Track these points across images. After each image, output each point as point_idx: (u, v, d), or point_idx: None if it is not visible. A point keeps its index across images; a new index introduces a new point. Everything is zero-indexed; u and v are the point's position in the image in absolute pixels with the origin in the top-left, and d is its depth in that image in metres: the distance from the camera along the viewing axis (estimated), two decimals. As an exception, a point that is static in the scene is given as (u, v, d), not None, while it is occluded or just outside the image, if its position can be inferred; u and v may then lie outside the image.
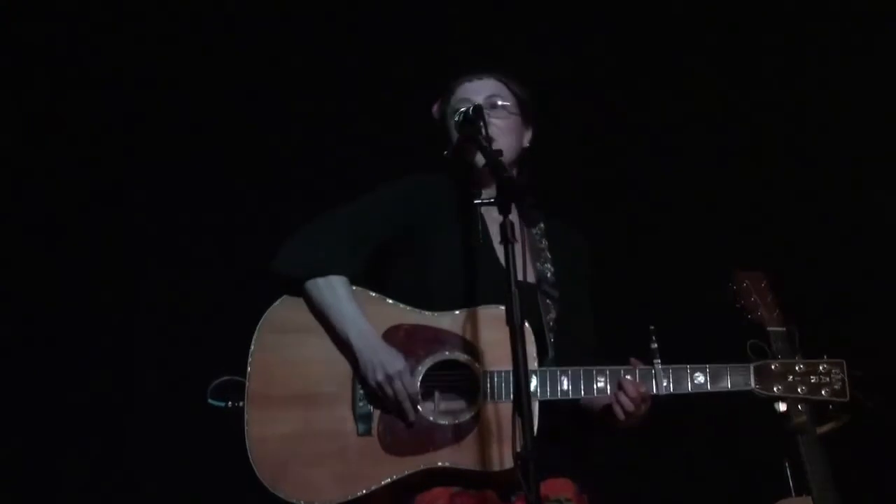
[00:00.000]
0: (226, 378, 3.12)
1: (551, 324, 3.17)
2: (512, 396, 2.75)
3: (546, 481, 2.94)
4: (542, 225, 3.35)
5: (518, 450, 2.66)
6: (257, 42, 5.04)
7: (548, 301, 3.20)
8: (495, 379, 3.02)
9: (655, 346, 3.03)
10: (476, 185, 3.22)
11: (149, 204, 4.95)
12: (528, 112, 3.37)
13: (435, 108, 3.41)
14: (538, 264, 3.26)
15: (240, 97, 5.01)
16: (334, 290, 3.14)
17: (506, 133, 3.24)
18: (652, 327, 3.02)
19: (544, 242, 3.32)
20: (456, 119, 3.23)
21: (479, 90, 3.32)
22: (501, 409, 2.98)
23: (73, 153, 4.94)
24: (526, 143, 3.38)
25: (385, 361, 3.04)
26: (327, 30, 5.06)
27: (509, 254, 2.79)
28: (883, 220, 4.71)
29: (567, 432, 3.15)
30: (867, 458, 4.19)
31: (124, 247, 4.91)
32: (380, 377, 3.03)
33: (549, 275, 3.26)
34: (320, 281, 3.15)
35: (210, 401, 3.14)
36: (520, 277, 2.81)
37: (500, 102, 3.30)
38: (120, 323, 4.87)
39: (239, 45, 5.04)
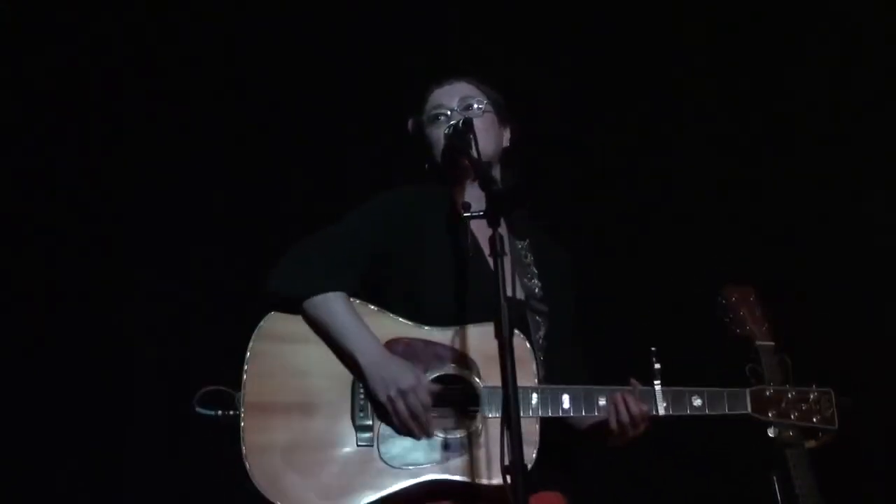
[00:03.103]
0: (212, 388, 3.10)
1: (540, 341, 3.18)
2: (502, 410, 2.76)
3: (536, 495, 2.94)
4: (527, 240, 3.35)
5: (506, 463, 2.67)
6: (258, 44, 5.05)
7: (537, 318, 3.20)
8: (493, 396, 3.00)
9: (658, 367, 3.06)
10: (465, 198, 3.21)
11: (151, 206, 4.95)
12: (504, 112, 3.40)
13: (410, 122, 3.43)
14: (525, 280, 3.27)
15: (242, 102, 5.02)
16: (332, 307, 3.11)
17: (482, 131, 3.23)
18: (654, 349, 3.05)
19: (529, 257, 3.32)
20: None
21: (452, 94, 3.36)
22: (498, 425, 2.94)
23: (75, 157, 4.96)
24: (506, 143, 3.39)
25: (397, 376, 3.01)
26: (326, 32, 5.07)
27: (498, 267, 2.79)
28: (878, 228, 4.72)
29: (558, 446, 3.15)
30: (855, 473, 4.18)
31: (124, 248, 4.92)
32: (392, 393, 3.00)
33: (536, 290, 3.26)
34: (317, 299, 3.12)
35: (198, 409, 3.11)
36: (509, 293, 2.80)
37: (474, 104, 3.33)
38: (119, 326, 4.87)
39: (240, 47, 5.06)
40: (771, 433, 3.17)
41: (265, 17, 5.08)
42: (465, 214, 3.05)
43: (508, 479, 2.67)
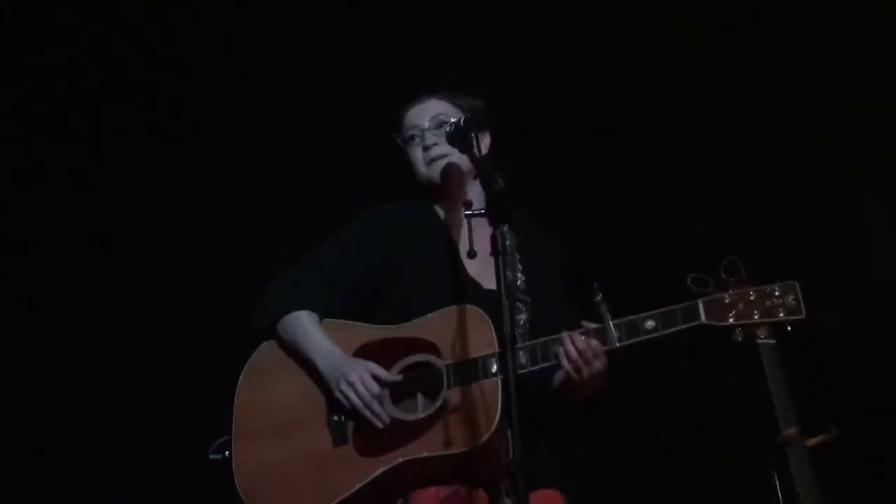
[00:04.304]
0: (225, 437, 3.22)
1: (521, 322, 3.21)
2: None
3: (535, 492, 2.94)
4: (519, 239, 3.37)
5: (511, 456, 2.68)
6: (258, 44, 5.06)
7: (517, 304, 3.22)
8: (453, 370, 3.08)
9: (600, 297, 3.03)
10: (466, 196, 3.26)
11: (151, 206, 4.96)
12: (480, 119, 3.40)
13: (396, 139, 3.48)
14: (508, 273, 3.29)
15: (242, 102, 5.03)
16: (298, 323, 3.25)
17: None
18: (596, 283, 3.03)
19: (516, 255, 3.32)
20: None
21: (424, 113, 3.42)
22: (463, 395, 3.04)
23: (75, 157, 4.96)
24: (485, 150, 3.40)
25: (344, 371, 3.13)
26: (326, 31, 5.08)
27: (500, 265, 2.80)
28: (878, 229, 4.72)
29: (556, 444, 3.20)
30: (855, 471, 4.18)
31: (124, 248, 4.93)
32: (342, 386, 3.12)
33: (518, 283, 3.29)
34: (285, 321, 3.27)
35: (211, 456, 3.25)
36: (490, 286, 2.89)
37: (449, 119, 3.35)
38: (119, 326, 4.89)
39: (241, 47, 5.06)
40: (739, 338, 3.05)
41: (265, 17, 5.09)
42: (467, 213, 3.11)
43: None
